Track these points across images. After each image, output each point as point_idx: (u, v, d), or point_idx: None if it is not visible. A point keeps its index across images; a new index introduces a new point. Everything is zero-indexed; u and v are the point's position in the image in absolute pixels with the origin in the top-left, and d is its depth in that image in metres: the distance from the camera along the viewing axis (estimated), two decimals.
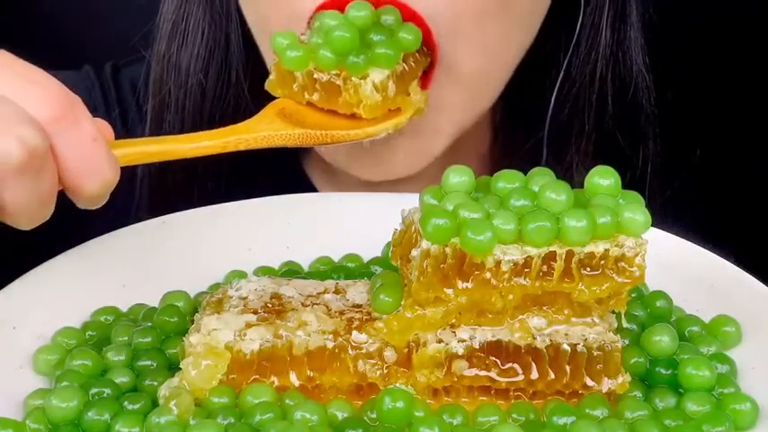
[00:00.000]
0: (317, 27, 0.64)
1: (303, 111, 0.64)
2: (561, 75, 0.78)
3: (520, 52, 0.74)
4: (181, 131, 0.79)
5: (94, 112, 0.85)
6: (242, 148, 0.61)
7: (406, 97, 0.66)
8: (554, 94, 0.79)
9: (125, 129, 0.85)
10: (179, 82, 0.79)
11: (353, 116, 0.64)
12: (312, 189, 0.85)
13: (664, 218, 0.67)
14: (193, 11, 0.79)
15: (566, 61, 0.78)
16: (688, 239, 0.65)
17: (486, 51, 0.70)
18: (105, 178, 0.53)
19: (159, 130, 0.80)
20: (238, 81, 0.79)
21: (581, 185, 0.55)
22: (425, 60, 0.68)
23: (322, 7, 0.66)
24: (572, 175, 0.78)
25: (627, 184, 0.55)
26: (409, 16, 0.66)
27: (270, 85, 0.65)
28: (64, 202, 0.83)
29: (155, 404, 0.54)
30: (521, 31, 0.73)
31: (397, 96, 0.65)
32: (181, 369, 0.54)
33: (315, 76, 0.63)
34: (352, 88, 0.63)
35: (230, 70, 0.79)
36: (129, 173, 0.80)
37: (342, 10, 0.65)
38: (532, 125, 0.80)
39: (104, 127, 0.56)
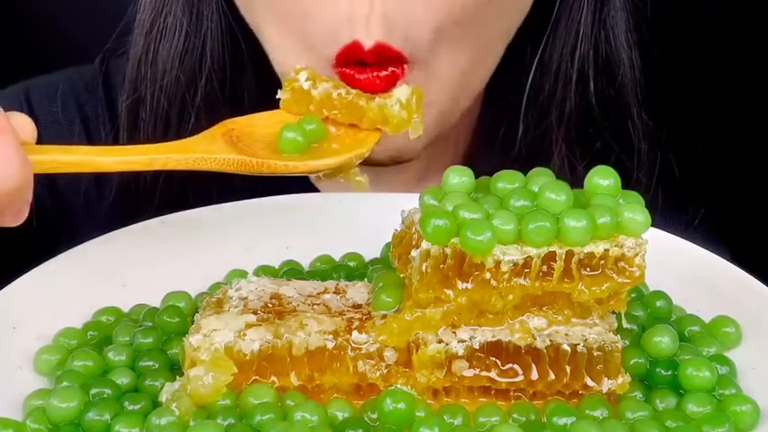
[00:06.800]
0: None
1: (254, 135, 0.61)
2: (538, 54, 0.78)
3: (503, 47, 0.74)
4: (154, 130, 0.78)
5: (82, 108, 0.84)
6: (170, 167, 0.57)
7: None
8: (530, 76, 0.78)
9: (112, 123, 0.84)
10: (155, 78, 0.78)
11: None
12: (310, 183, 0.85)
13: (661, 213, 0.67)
14: (173, 7, 0.78)
15: (543, 42, 0.77)
16: (688, 239, 0.65)
17: (469, 56, 0.70)
18: (11, 182, 0.45)
19: (135, 128, 0.79)
20: (211, 79, 0.78)
21: (560, 168, 0.54)
22: None
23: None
24: (551, 156, 0.78)
25: (615, 168, 0.55)
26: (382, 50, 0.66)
27: (284, 105, 0.62)
28: (63, 202, 0.83)
29: (155, 405, 0.54)
30: (504, 30, 0.73)
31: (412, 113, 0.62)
32: (182, 372, 0.54)
33: (334, 95, 0.61)
34: (377, 108, 0.61)
35: (203, 67, 0.78)
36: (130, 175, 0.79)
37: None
38: (513, 107, 0.80)
39: (24, 124, 0.49)
